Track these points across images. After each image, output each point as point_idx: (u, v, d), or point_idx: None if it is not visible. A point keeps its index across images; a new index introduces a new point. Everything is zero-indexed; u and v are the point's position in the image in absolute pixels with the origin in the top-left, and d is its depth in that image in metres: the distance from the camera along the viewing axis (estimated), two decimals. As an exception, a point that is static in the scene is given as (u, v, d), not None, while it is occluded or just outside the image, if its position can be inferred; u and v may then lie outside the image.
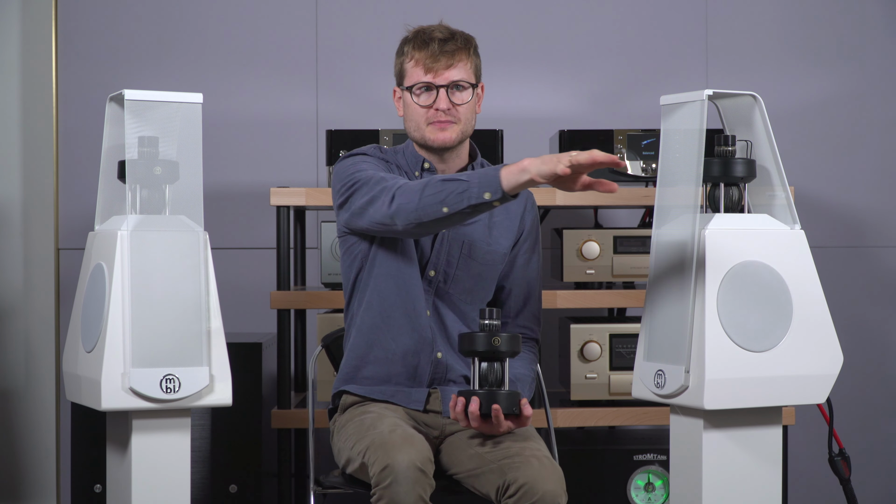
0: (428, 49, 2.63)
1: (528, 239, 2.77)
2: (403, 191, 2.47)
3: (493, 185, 2.36)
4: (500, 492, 2.46)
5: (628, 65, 4.00)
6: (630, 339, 3.30)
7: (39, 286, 3.90)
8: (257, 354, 3.31)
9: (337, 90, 3.95)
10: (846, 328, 3.88)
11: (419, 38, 2.65)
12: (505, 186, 2.35)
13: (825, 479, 3.75)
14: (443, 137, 2.65)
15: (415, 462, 2.38)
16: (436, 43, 2.63)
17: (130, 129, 2.43)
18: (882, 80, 4.03)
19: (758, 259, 2.43)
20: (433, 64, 2.63)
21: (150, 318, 2.37)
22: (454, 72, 2.64)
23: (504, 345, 2.47)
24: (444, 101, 2.63)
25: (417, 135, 2.68)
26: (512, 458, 2.48)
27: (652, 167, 3.39)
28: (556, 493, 2.42)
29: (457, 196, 2.39)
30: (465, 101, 2.65)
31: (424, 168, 2.71)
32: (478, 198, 2.37)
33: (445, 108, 2.63)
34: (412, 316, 2.67)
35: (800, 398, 2.46)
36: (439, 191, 2.41)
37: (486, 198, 2.37)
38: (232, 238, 3.90)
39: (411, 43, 2.67)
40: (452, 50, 2.63)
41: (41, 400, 3.89)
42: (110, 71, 3.90)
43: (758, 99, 2.49)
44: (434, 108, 2.64)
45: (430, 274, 2.69)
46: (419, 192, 2.44)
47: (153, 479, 2.41)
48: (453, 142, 2.66)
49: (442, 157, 2.71)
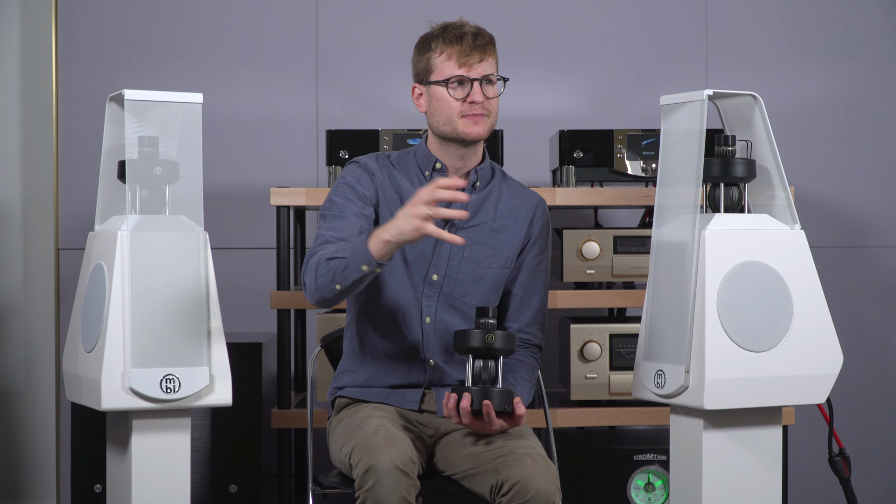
0: (462, 43, 2.64)
1: (536, 245, 2.76)
2: (307, 271, 2.56)
3: (366, 258, 2.44)
4: (494, 491, 2.46)
5: (628, 65, 4.00)
6: (630, 339, 3.30)
7: (39, 286, 3.90)
8: (257, 354, 3.31)
9: (337, 90, 3.95)
10: (846, 328, 3.88)
11: (449, 33, 2.66)
12: (377, 256, 2.43)
13: (825, 479, 3.75)
14: (476, 131, 2.66)
15: (396, 463, 2.38)
16: (469, 37, 2.64)
17: (130, 129, 2.43)
18: (882, 79, 4.03)
19: (758, 259, 2.43)
20: (467, 58, 2.64)
21: (150, 318, 2.37)
22: (486, 65, 2.65)
23: (498, 342, 2.47)
24: (479, 93, 2.64)
25: (448, 128, 2.66)
26: (505, 457, 2.48)
27: (652, 167, 3.39)
28: (549, 491, 2.42)
29: (342, 273, 2.47)
30: (497, 94, 2.67)
31: (436, 168, 2.71)
32: (358, 272, 2.45)
33: (480, 101, 2.64)
34: (404, 323, 2.67)
35: (800, 398, 2.46)
36: (327, 270, 2.49)
37: (365, 270, 2.44)
38: (232, 238, 3.90)
39: (440, 38, 2.66)
40: (483, 44, 2.65)
41: (41, 400, 3.89)
42: (110, 71, 3.90)
43: (758, 99, 2.49)
44: (469, 101, 2.64)
45: (433, 278, 2.69)
46: (314, 274, 2.53)
47: (153, 479, 2.41)
48: (485, 135, 2.68)
49: (464, 153, 2.71)
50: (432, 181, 2.43)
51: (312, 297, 2.55)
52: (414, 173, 2.71)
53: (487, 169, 2.75)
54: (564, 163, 3.41)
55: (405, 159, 2.74)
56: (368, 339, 2.70)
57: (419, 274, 2.68)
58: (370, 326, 2.70)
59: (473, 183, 2.72)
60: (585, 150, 3.41)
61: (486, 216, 2.72)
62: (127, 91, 2.42)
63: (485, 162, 2.76)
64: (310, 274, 2.54)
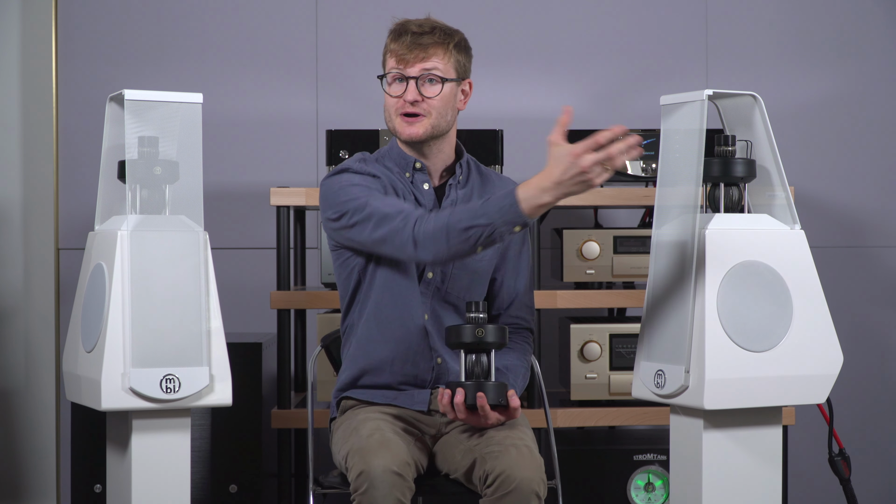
0: (401, 40, 2.62)
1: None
2: (426, 236, 2.49)
3: (520, 219, 2.39)
4: (481, 482, 2.47)
5: (628, 65, 4.00)
6: (630, 339, 3.30)
7: (39, 286, 3.90)
8: (257, 354, 3.31)
9: (337, 90, 3.95)
10: (846, 328, 3.88)
11: (397, 30, 2.66)
12: (532, 216, 2.39)
13: (825, 479, 3.75)
14: (410, 132, 2.64)
15: (390, 467, 2.38)
16: (409, 35, 2.62)
17: (130, 129, 2.43)
18: (882, 80, 4.03)
19: (758, 259, 2.43)
20: (405, 55, 2.62)
21: (150, 318, 2.36)
22: (427, 63, 2.62)
23: (489, 336, 2.47)
24: (412, 92, 2.61)
25: (390, 125, 2.66)
26: (492, 448, 2.48)
27: (652, 167, 3.39)
28: (532, 480, 2.41)
29: (487, 238, 2.43)
30: (435, 94, 2.62)
31: (416, 168, 2.70)
32: (511, 233, 2.43)
33: (412, 100, 2.61)
34: (409, 326, 2.67)
35: (800, 398, 2.46)
36: (468, 237, 2.44)
37: (517, 231, 2.42)
38: (232, 238, 3.90)
39: (390, 35, 2.67)
40: (427, 43, 2.62)
41: (41, 400, 3.89)
42: (110, 71, 3.90)
43: (758, 99, 2.49)
44: (403, 99, 2.63)
45: (429, 276, 2.68)
46: (445, 240, 2.47)
47: (153, 479, 2.41)
48: (420, 136, 2.64)
49: (422, 153, 2.70)
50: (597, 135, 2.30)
51: (440, 259, 2.50)
52: (396, 173, 2.70)
53: (465, 164, 2.74)
54: (564, 163, 3.40)
55: (383, 159, 2.73)
56: (370, 340, 2.69)
57: (416, 273, 2.68)
58: (371, 327, 2.69)
59: (459, 177, 2.71)
60: (585, 150, 3.40)
61: None
62: (127, 91, 2.42)
63: (464, 158, 2.74)
64: (436, 241, 2.47)
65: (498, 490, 2.41)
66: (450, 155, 2.72)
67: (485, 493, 2.45)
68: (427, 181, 2.70)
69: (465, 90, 2.70)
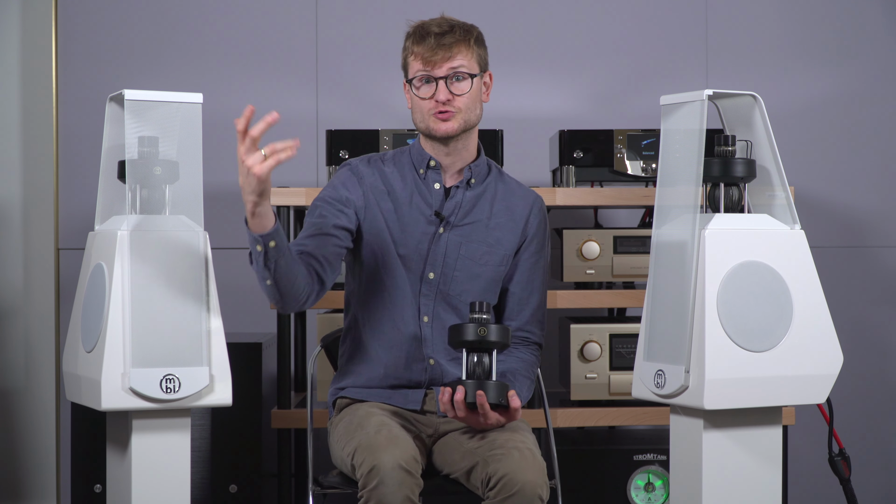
0: (425, 43, 2.66)
1: (533, 242, 2.76)
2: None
3: (250, 238, 2.43)
4: (483, 485, 2.46)
5: (628, 65, 4.00)
6: (630, 339, 3.30)
7: (39, 286, 3.90)
8: (257, 354, 3.31)
9: (337, 90, 3.95)
10: (846, 328, 3.88)
11: (418, 32, 2.69)
12: (254, 230, 2.42)
13: (825, 479, 3.75)
14: (445, 128, 2.67)
15: (400, 462, 2.38)
16: (432, 37, 2.66)
17: (130, 129, 2.43)
18: (882, 80, 4.03)
19: (758, 259, 2.43)
20: (431, 57, 2.65)
21: (150, 318, 2.36)
22: (453, 62, 2.66)
23: (492, 335, 2.47)
24: (444, 92, 2.66)
25: (423, 126, 2.70)
26: (495, 451, 2.48)
27: (652, 167, 3.39)
28: (535, 484, 2.41)
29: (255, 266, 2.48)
30: (465, 91, 2.67)
31: (430, 166, 2.72)
32: (256, 254, 2.45)
33: (444, 100, 2.65)
34: (404, 323, 2.68)
35: (800, 398, 2.46)
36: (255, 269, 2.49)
37: (259, 249, 2.43)
38: (232, 238, 3.90)
39: (411, 38, 2.70)
40: (450, 42, 2.66)
41: (41, 400, 3.89)
42: (110, 71, 3.90)
43: (758, 99, 2.49)
44: (434, 100, 2.65)
45: (430, 276, 2.69)
46: None
47: (153, 479, 2.41)
48: (455, 131, 2.68)
49: (448, 150, 2.72)
50: None
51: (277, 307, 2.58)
52: (408, 171, 2.73)
53: (483, 166, 2.76)
54: (564, 163, 3.41)
55: (400, 157, 2.76)
56: (368, 339, 2.71)
57: (416, 273, 2.69)
58: (369, 327, 2.70)
59: (468, 180, 2.73)
60: (585, 150, 3.41)
61: (481, 213, 2.72)
62: (127, 91, 2.42)
63: (480, 158, 2.77)
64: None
65: (500, 493, 2.41)
66: (472, 153, 2.75)
67: (487, 496, 2.45)
68: (439, 180, 2.72)
69: (486, 82, 2.75)
